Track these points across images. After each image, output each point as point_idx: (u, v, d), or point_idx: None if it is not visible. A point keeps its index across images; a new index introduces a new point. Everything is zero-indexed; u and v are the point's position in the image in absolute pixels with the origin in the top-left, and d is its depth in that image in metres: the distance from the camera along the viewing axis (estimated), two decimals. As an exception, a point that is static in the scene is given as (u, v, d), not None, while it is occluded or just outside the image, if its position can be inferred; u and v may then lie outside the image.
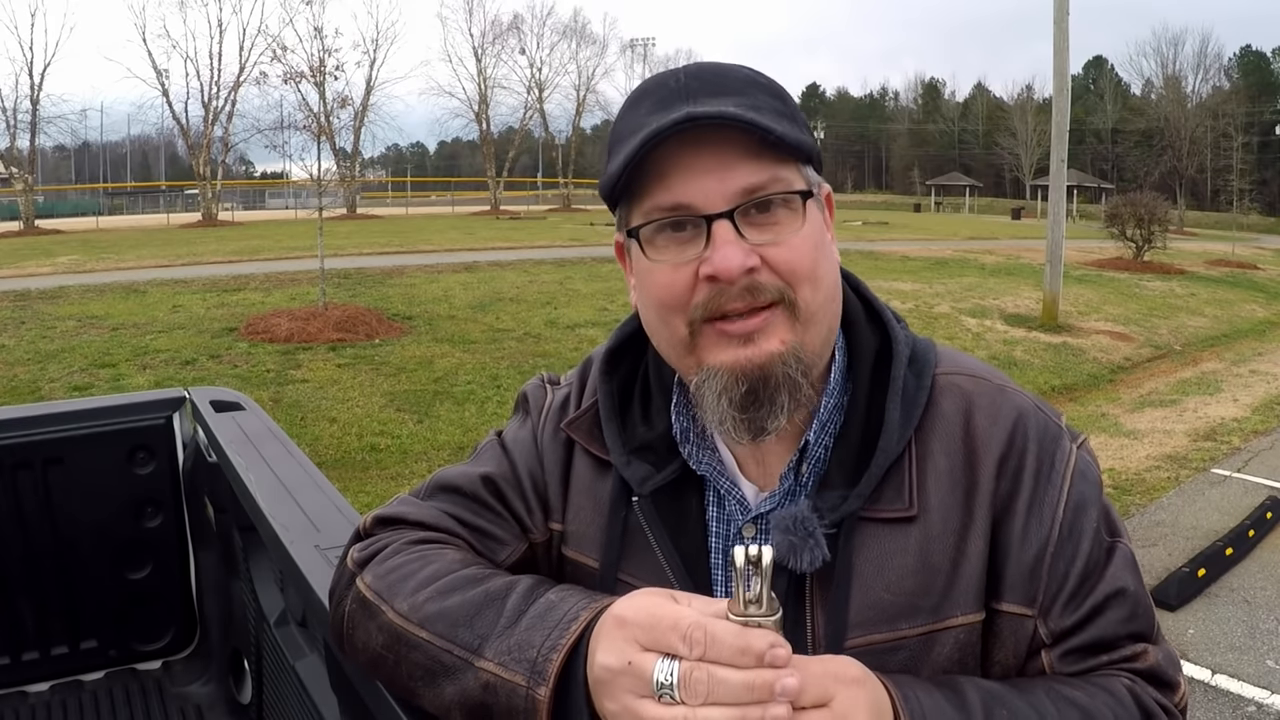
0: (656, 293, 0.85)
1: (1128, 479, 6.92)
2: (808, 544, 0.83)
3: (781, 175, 0.83)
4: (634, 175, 0.83)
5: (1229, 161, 49.55)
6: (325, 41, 18.25)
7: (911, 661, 0.83)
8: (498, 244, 22.82)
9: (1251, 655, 4.32)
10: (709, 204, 0.81)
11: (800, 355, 0.84)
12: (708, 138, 0.81)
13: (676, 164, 0.82)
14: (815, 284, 0.84)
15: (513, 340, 10.89)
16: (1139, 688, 0.85)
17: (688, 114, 0.79)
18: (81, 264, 18.27)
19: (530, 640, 0.77)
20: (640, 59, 62.83)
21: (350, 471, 6.71)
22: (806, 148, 0.85)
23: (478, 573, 0.88)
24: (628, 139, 0.83)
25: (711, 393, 0.84)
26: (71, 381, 8.60)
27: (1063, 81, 13.99)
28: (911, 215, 51.78)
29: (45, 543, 2.31)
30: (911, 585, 0.84)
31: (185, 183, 49.95)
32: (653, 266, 0.85)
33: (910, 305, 13.68)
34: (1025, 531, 0.85)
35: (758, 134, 0.80)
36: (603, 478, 0.96)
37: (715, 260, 0.81)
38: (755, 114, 0.81)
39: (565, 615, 0.78)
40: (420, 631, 0.84)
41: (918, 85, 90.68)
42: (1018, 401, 0.91)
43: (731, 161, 0.81)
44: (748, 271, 0.81)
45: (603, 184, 0.87)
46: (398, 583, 0.88)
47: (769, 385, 0.83)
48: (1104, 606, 0.86)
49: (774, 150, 0.82)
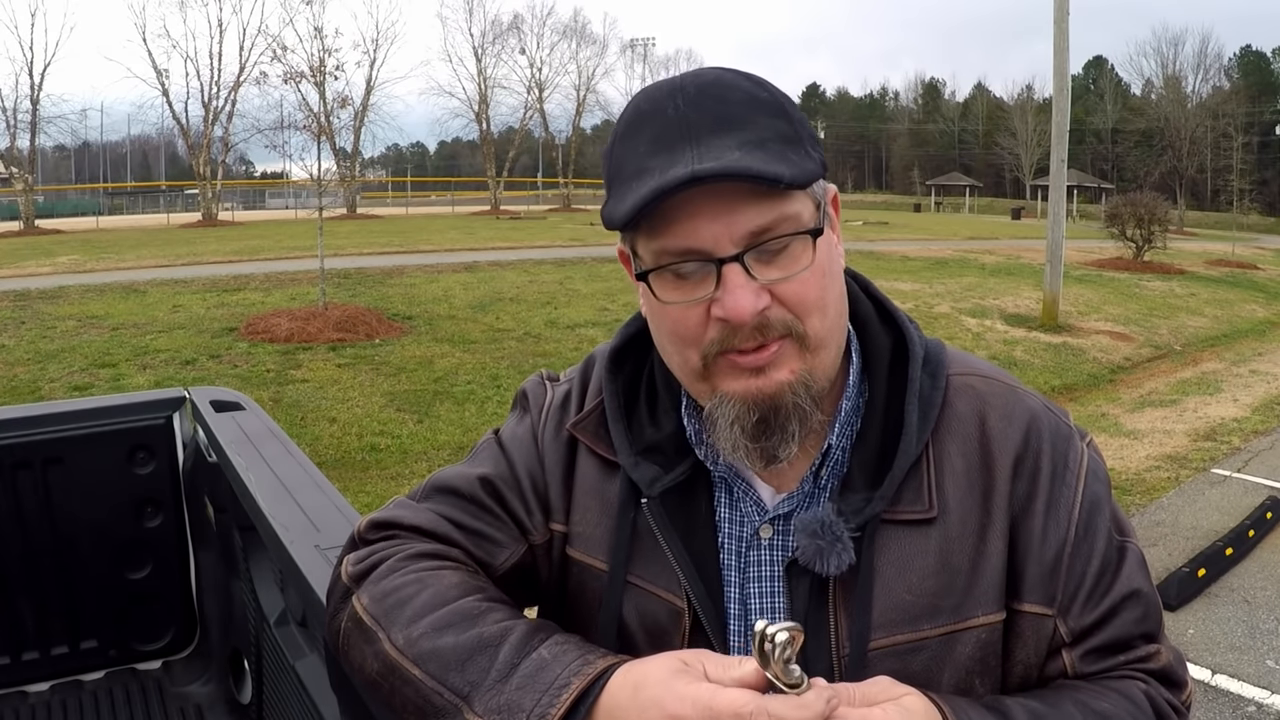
0: (670, 327, 0.86)
1: (1128, 479, 6.92)
2: (835, 548, 0.83)
3: (789, 213, 0.82)
4: (639, 219, 0.82)
5: (1229, 161, 49.53)
6: (325, 41, 18.24)
7: (933, 662, 0.84)
8: (498, 244, 22.82)
9: (1251, 655, 4.32)
10: (718, 248, 0.81)
11: (809, 383, 0.85)
12: (713, 186, 0.80)
13: (683, 211, 0.81)
14: (824, 313, 0.85)
15: (513, 340, 10.89)
16: (1153, 689, 0.86)
17: (692, 173, 0.78)
18: (81, 264, 18.27)
19: (519, 703, 0.77)
20: (640, 59, 62.89)
21: (350, 471, 6.72)
22: (813, 174, 0.84)
23: (474, 607, 0.87)
24: (630, 180, 0.82)
25: (724, 420, 0.85)
26: (71, 381, 8.60)
27: (1063, 81, 13.99)
28: (911, 215, 51.77)
29: (45, 543, 2.31)
30: (933, 586, 0.85)
31: (185, 183, 49.92)
32: (665, 306, 0.85)
33: (910, 305, 13.66)
34: (1044, 532, 0.86)
35: (764, 184, 0.80)
36: (610, 479, 0.95)
37: (727, 304, 0.81)
38: (760, 153, 0.80)
39: (556, 680, 0.77)
40: (414, 669, 0.83)
41: (918, 85, 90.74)
42: (1029, 402, 0.92)
43: (738, 205, 0.80)
44: (759, 312, 0.81)
45: (606, 220, 0.87)
46: (394, 609, 0.88)
47: (780, 414, 0.84)
48: (1120, 607, 0.87)
49: (781, 189, 0.82)
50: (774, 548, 0.90)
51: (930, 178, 70.42)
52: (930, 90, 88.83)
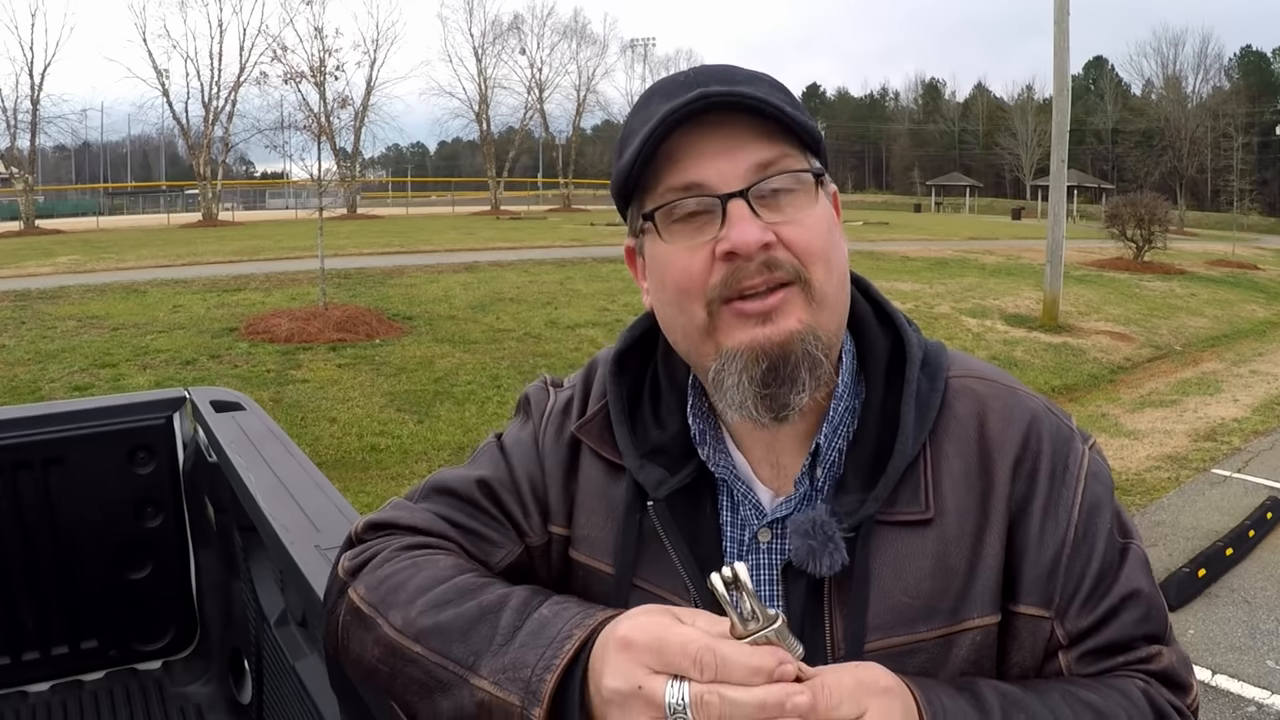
0: (674, 276, 0.86)
1: (1128, 479, 6.92)
2: (827, 548, 0.83)
3: (792, 154, 0.85)
4: (646, 164, 0.84)
5: (1229, 162, 49.54)
6: (325, 41, 18.19)
7: (929, 664, 0.84)
8: (498, 244, 22.82)
9: (1251, 655, 4.32)
10: (723, 183, 0.82)
11: (818, 334, 0.84)
12: (718, 120, 0.82)
13: (688, 147, 0.83)
14: (829, 267, 0.85)
15: (513, 340, 10.89)
16: (1153, 689, 0.85)
17: (701, 93, 0.81)
18: (82, 264, 18.27)
19: (524, 659, 0.77)
20: (640, 59, 62.97)
21: (350, 471, 6.72)
22: (814, 133, 0.87)
23: (471, 582, 0.87)
24: (639, 130, 0.84)
25: (732, 374, 0.84)
26: (72, 381, 8.60)
27: (1063, 81, 13.99)
28: (912, 215, 51.76)
29: (45, 543, 2.31)
30: (929, 588, 0.85)
31: (185, 183, 49.93)
32: (669, 249, 0.85)
33: (911, 305, 13.66)
34: (1042, 533, 0.86)
35: (768, 111, 0.82)
36: (615, 481, 0.95)
37: (732, 236, 0.81)
38: (766, 94, 0.83)
39: (559, 633, 0.78)
40: (415, 646, 0.84)
41: (918, 85, 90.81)
42: (1030, 404, 0.91)
43: (742, 141, 0.83)
44: (764, 247, 0.82)
45: (615, 178, 0.88)
46: (391, 593, 0.88)
47: (789, 362, 0.83)
48: (1119, 608, 0.86)
49: (783, 132, 0.84)
50: (772, 551, 0.90)
51: (930, 178, 70.42)
52: (930, 90, 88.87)
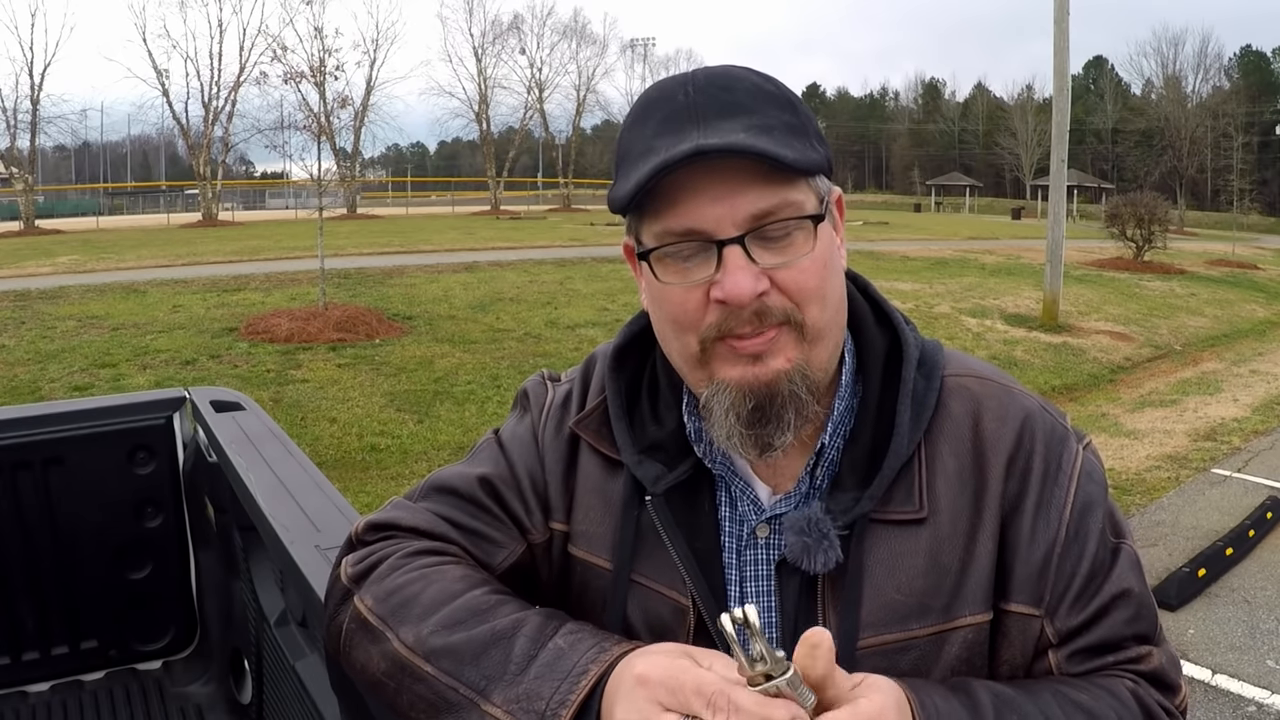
0: (670, 310, 0.86)
1: (1128, 479, 6.93)
2: (821, 545, 0.84)
3: (792, 199, 0.83)
4: (644, 198, 0.83)
5: (1229, 161, 49.51)
6: (325, 41, 18.25)
7: (921, 661, 0.84)
8: (498, 244, 22.81)
9: (1251, 655, 4.32)
10: (720, 229, 0.81)
11: (806, 373, 0.84)
12: (718, 164, 0.81)
13: (686, 190, 0.82)
14: (823, 303, 0.85)
15: (513, 340, 10.89)
16: (1142, 690, 0.86)
17: (696, 147, 0.79)
18: (81, 264, 18.27)
19: (539, 691, 0.77)
20: (640, 59, 62.99)
21: (350, 471, 6.72)
22: (817, 165, 0.84)
23: (483, 601, 0.87)
24: (636, 160, 0.83)
25: (720, 408, 0.85)
26: (72, 381, 8.60)
27: (1063, 81, 13.99)
28: (912, 215, 51.73)
29: (45, 543, 2.31)
30: (922, 586, 0.85)
31: (185, 183, 49.90)
32: (665, 287, 0.85)
33: (911, 305, 13.67)
34: (1033, 532, 0.86)
35: (767, 162, 0.80)
36: (613, 477, 0.96)
37: (726, 285, 0.81)
38: (766, 136, 0.81)
39: (575, 667, 0.78)
40: (426, 665, 0.84)
41: (918, 85, 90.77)
42: (1025, 403, 0.92)
43: (741, 187, 0.81)
44: (757, 296, 0.81)
45: (611, 202, 0.88)
46: (401, 608, 0.88)
47: (775, 402, 0.84)
48: (1109, 608, 0.87)
49: (785, 173, 0.82)
50: (769, 547, 0.90)
51: (930, 178, 70.38)
52: (930, 90, 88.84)
